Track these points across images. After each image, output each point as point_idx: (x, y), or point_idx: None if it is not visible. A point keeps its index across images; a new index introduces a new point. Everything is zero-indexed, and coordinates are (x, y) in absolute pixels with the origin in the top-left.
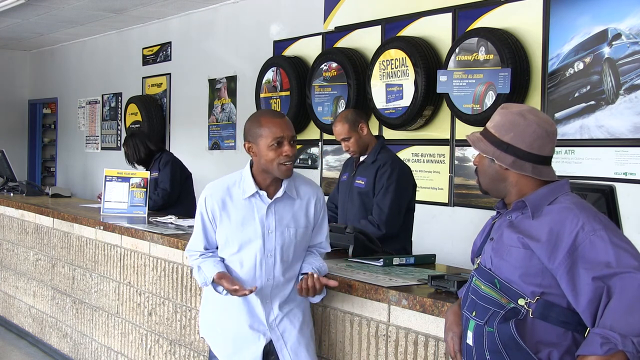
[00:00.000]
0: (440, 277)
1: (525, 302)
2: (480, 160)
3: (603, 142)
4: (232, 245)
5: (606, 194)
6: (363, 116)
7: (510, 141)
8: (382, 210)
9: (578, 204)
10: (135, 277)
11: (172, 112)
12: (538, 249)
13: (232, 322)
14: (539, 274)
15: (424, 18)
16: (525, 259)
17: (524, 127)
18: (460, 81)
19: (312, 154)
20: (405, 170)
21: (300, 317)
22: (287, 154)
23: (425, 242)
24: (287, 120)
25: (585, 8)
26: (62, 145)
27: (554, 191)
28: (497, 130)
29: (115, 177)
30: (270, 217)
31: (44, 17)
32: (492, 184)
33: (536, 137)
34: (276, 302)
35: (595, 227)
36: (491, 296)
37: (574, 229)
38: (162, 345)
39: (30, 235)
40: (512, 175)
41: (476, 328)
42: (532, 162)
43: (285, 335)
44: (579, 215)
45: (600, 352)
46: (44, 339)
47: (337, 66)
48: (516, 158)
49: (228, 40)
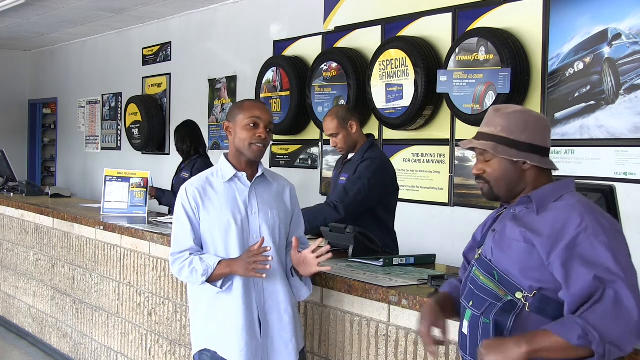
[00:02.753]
0: (440, 277)
1: (522, 296)
2: (497, 167)
3: (603, 142)
4: (217, 230)
5: (606, 194)
6: (355, 114)
7: (528, 140)
8: (347, 194)
9: (584, 204)
10: (135, 277)
11: (172, 112)
12: (539, 243)
13: (232, 317)
14: (538, 269)
15: (424, 18)
16: (525, 253)
17: (534, 123)
18: (460, 81)
19: (312, 154)
20: (387, 169)
21: (286, 305)
22: (261, 135)
23: (425, 242)
24: (267, 108)
25: (585, 8)
26: (62, 145)
27: (560, 188)
28: (511, 132)
29: (115, 177)
30: (252, 199)
31: (44, 17)
32: (510, 186)
33: (547, 132)
34: (263, 286)
35: (597, 231)
36: (489, 287)
37: (576, 229)
38: (162, 345)
39: (30, 235)
40: (530, 174)
41: (472, 318)
42: (547, 155)
43: (269, 315)
44: (584, 215)
45: (574, 341)
46: (44, 339)
47: (337, 66)
48: (540, 156)
49: (228, 40)
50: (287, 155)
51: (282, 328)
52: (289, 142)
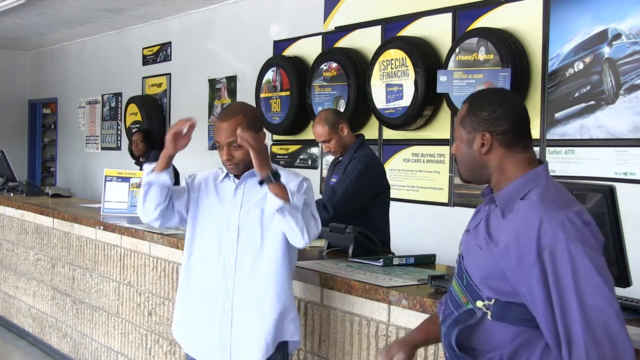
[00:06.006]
0: (440, 277)
1: (483, 304)
2: (459, 147)
3: (603, 142)
4: (200, 226)
5: (606, 194)
6: (343, 116)
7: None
8: (335, 193)
9: (545, 201)
10: (135, 277)
11: (172, 112)
12: (497, 254)
13: (196, 312)
14: (498, 279)
15: (424, 18)
16: (485, 262)
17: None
18: (460, 81)
19: (312, 154)
20: (374, 166)
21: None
22: (225, 158)
23: (425, 242)
24: (229, 124)
25: (585, 8)
26: (62, 145)
27: (527, 182)
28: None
29: (115, 177)
30: (237, 196)
31: (44, 17)
32: (472, 170)
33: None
34: (238, 286)
35: (558, 237)
36: (454, 292)
37: (535, 240)
38: (162, 345)
39: (30, 235)
40: (492, 158)
41: (442, 322)
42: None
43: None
44: (543, 219)
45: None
46: (44, 339)
47: (337, 66)
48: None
49: (228, 40)
50: (287, 155)
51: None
52: (288, 142)
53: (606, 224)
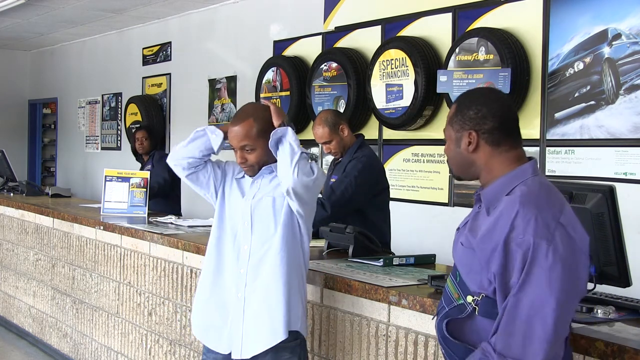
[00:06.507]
0: (440, 277)
1: (472, 300)
2: (448, 145)
3: (603, 142)
4: (222, 220)
5: (606, 194)
6: (343, 117)
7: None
8: (334, 192)
9: (525, 197)
10: (135, 277)
11: (172, 112)
12: (475, 245)
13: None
14: (479, 273)
15: (424, 18)
16: (467, 256)
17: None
18: (460, 81)
19: (312, 154)
20: (374, 166)
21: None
22: (239, 161)
23: (425, 242)
24: (240, 127)
25: (585, 8)
26: (62, 145)
27: (513, 179)
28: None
29: (115, 177)
30: (253, 189)
31: (44, 17)
32: (461, 167)
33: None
34: (250, 275)
35: (527, 230)
36: (448, 289)
37: (507, 228)
38: (162, 345)
39: (30, 235)
40: (478, 156)
41: (435, 317)
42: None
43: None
44: (519, 212)
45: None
46: (44, 339)
47: (337, 66)
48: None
49: (228, 40)
50: None
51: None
52: None
53: (606, 224)
